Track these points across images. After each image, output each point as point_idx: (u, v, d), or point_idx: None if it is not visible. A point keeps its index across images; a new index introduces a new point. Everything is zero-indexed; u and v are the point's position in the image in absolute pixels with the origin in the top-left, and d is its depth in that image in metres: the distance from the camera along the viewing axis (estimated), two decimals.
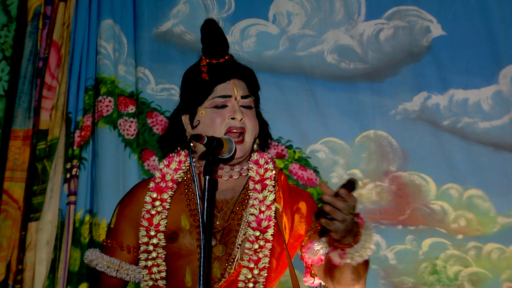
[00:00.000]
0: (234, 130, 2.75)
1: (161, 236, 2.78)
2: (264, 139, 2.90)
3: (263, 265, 2.69)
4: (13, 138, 4.80)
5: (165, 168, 2.87)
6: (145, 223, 2.80)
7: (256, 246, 2.69)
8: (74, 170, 4.75)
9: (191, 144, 2.68)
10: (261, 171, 2.80)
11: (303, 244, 2.81)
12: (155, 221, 2.78)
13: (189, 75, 2.89)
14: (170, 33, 4.93)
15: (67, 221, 4.73)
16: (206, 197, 2.48)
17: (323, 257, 2.69)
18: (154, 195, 2.82)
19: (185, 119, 2.87)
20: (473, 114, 4.71)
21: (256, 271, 2.68)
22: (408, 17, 4.82)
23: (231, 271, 2.71)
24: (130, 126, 4.81)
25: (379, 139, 4.74)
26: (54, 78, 4.84)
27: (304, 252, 2.75)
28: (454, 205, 4.65)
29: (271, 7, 4.91)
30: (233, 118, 2.75)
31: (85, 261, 2.87)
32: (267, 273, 2.71)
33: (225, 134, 2.74)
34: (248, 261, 2.69)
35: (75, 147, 4.77)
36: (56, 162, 4.79)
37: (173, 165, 2.86)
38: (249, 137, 2.78)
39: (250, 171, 2.82)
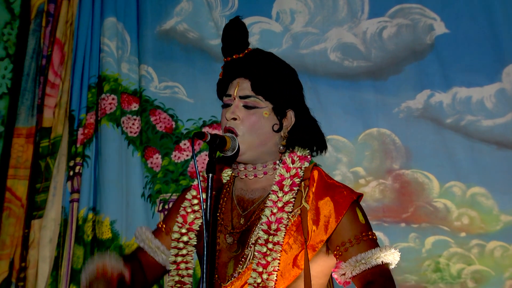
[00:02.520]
0: (226, 129, 2.75)
1: (192, 234, 2.80)
2: (303, 140, 2.84)
3: (272, 268, 2.64)
4: (17, 135, 4.81)
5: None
6: (179, 219, 2.84)
7: (264, 250, 2.65)
8: (77, 167, 4.76)
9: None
10: (283, 171, 2.76)
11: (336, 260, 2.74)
12: (189, 219, 2.82)
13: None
14: (173, 31, 4.94)
15: (70, 218, 4.73)
16: (209, 195, 2.49)
17: (349, 280, 2.65)
18: (194, 193, 2.87)
19: None
20: (476, 112, 4.71)
21: (265, 276, 2.64)
22: (411, 15, 4.81)
23: (241, 271, 2.69)
24: (133, 124, 4.81)
25: (382, 137, 4.74)
26: (57, 76, 4.84)
27: (333, 272, 2.70)
28: (457, 203, 4.65)
29: (275, 5, 4.91)
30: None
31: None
32: (276, 276, 2.65)
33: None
34: (257, 264, 2.66)
35: (78, 145, 4.77)
36: (59, 159, 4.79)
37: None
38: (246, 137, 2.73)
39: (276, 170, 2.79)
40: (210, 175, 2.52)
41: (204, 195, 2.54)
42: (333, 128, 4.73)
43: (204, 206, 2.52)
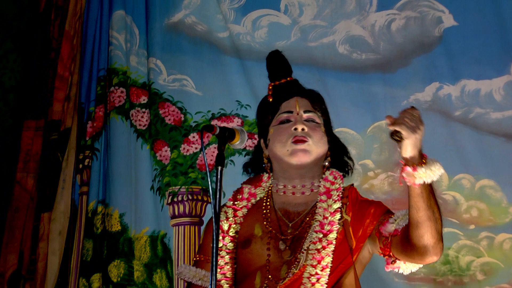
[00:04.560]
0: (298, 139, 2.94)
1: (227, 240, 2.97)
2: (339, 161, 3.08)
3: (326, 263, 2.81)
4: (26, 129, 4.82)
5: (244, 184, 3.11)
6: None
7: (319, 246, 2.82)
8: (87, 160, 4.77)
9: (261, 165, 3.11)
10: (328, 184, 2.96)
11: (375, 230, 2.88)
12: (225, 227, 2.98)
13: (261, 103, 3.12)
14: (181, 23, 4.94)
15: (79, 211, 4.75)
16: (218, 187, 2.51)
17: (399, 228, 2.76)
18: (229, 204, 3.04)
19: (262, 143, 3.07)
20: (485, 105, 4.70)
21: (319, 268, 2.80)
22: (419, 7, 4.81)
23: (295, 271, 2.84)
24: (142, 117, 4.82)
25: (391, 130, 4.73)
26: (66, 69, 4.85)
27: (381, 229, 2.82)
28: (466, 195, 4.64)
29: None
30: (295, 129, 2.95)
31: (177, 275, 3.07)
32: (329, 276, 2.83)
33: (292, 143, 2.92)
34: (312, 259, 2.82)
35: (87, 138, 4.78)
36: (68, 152, 4.80)
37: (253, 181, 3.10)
38: (314, 146, 2.96)
39: (320, 187, 2.97)
40: (219, 167, 2.55)
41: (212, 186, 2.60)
42: (342, 121, 4.72)
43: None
